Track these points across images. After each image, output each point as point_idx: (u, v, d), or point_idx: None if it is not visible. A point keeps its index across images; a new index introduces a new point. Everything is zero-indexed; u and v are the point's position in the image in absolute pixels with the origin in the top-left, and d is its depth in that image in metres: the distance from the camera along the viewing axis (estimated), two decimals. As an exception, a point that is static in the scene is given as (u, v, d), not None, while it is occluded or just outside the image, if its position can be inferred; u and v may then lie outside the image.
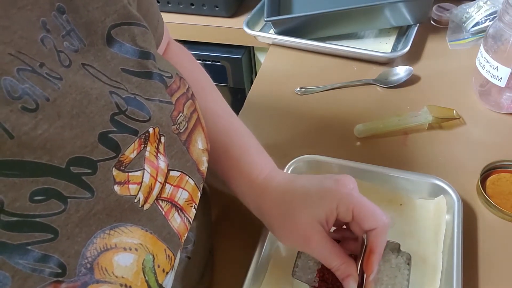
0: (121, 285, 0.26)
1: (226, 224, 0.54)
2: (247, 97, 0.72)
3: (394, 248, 0.46)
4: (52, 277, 0.23)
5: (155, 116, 0.31)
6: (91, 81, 0.28)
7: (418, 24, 0.78)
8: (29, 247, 0.23)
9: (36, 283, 0.23)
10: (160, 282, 0.29)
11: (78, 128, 0.26)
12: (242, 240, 0.50)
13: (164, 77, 0.34)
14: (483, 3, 0.77)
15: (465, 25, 0.77)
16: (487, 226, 0.51)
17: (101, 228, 0.26)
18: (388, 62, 0.75)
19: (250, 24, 0.84)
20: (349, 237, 0.43)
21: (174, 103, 0.34)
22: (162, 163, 0.31)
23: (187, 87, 0.37)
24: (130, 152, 0.28)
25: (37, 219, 0.23)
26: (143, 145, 0.29)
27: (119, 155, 0.27)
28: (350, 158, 0.55)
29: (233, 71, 0.96)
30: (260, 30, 0.84)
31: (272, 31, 0.82)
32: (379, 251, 0.39)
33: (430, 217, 0.50)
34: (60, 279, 0.23)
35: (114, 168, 0.27)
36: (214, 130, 0.45)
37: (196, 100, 0.38)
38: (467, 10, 0.78)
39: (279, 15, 0.82)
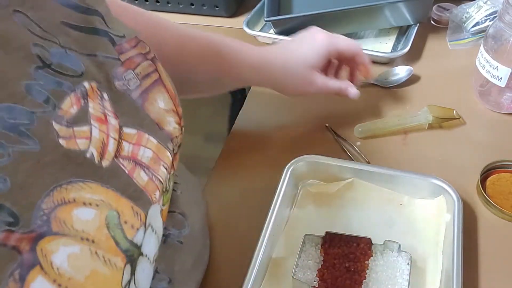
0: (82, 238, 0.26)
1: (226, 225, 0.54)
2: (247, 97, 0.72)
3: (394, 248, 0.46)
4: (3, 225, 0.23)
5: (90, 72, 0.30)
6: (16, 30, 0.27)
7: (418, 24, 0.78)
8: None
9: None
10: (129, 238, 0.29)
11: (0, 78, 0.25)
12: (242, 240, 0.50)
13: (112, 35, 0.33)
14: (483, 3, 0.77)
15: (465, 25, 0.77)
16: (487, 226, 0.51)
17: (57, 182, 0.26)
18: (388, 62, 0.75)
19: (250, 24, 0.84)
20: None
21: (122, 60, 0.33)
22: (112, 119, 0.30)
23: (147, 50, 0.36)
24: (69, 107, 0.28)
25: None
26: (82, 101, 0.29)
27: (56, 109, 0.27)
28: (350, 158, 0.55)
29: (233, 71, 0.95)
30: (260, 30, 0.84)
31: (272, 31, 0.82)
32: (367, 62, 0.61)
33: (430, 217, 0.50)
34: (13, 228, 0.23)
35: (54, 122, 0.26)
36: (203, 41, 0.56)
37: (159, 64, 0.37)
38: (467, 10, 0.78)
39: (279, 15, 0.82)
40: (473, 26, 0.76)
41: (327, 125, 0.65)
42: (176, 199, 0.43)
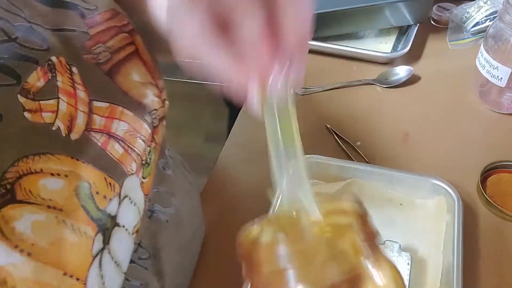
0: (48, 207, 0.26)
1: (225, 225, 0.54)
2: (247, 97, 0.72)
3: (394, 248, 0.46)
4: None
5: (56, 46, 0.30)
6: None
7: (418, 24, 0.78)
8: None
9: None
10: (101, 207, 0.29)
11: None
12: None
13: (82, 8, 0.33)
14: (483, 3, 0.77)
15: (465, 25, 0.77)
16: (487, 226, 0.51)
17: (23, 153, 0.26)
18: (388, 62, 0.75)
19: (250, 24, 0.84)
20: None
21: (92, 34, 0.33)
22: (81, 92, 0.30)
23: (125, 22, 0.36)
24: (36, 81, 0.28)
25: None
26: (50, 74, 0.29)
27: (22, 83, 0.27)
28: (350, 158, 0.55)
29: (233, 71, 0.95)
30: (260, 30, 0.84)
31: (272, 31, 0.82)
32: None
33: (430, 217, 0.50)
34: None
35: (19, 95, 0.27)
36: None
37: (138, 36, 0.37)
38: (467, 10, 0.78)
39: (279, 15, 0.81)
40: (473, 26, 0.76)
41: (327, 125, 0.65)
42: (165, 178, 0.43)
